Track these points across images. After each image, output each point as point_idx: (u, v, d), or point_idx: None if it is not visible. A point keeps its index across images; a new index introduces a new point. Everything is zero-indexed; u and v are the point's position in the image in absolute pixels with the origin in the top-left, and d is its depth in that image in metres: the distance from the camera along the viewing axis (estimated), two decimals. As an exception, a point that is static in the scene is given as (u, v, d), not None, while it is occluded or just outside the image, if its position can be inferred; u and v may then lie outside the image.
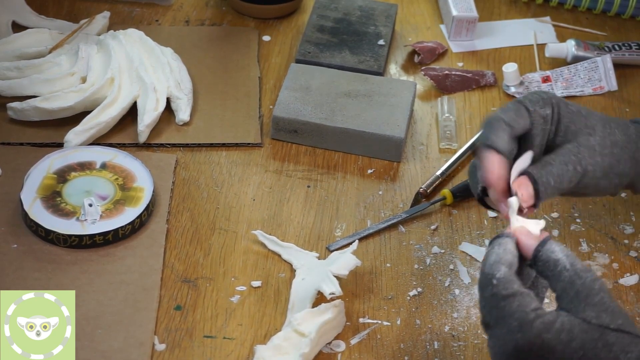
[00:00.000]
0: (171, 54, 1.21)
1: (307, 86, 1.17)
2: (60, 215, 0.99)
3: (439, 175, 1.10)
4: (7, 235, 0.99)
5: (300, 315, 0.91)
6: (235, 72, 1.24)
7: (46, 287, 0.93)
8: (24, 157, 1.07)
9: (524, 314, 0.72)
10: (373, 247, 1.03)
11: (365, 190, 1.10)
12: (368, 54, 1.26)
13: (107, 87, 1.13)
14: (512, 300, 0.73)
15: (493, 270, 0.75)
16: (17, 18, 1.27)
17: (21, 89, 1.13)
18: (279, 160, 1.13)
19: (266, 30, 1.32)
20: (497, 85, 1.27)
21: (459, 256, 1.03)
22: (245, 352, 0.91)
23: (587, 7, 1.41)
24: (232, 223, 1.04)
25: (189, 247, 1.01)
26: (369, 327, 0.95)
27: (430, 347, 0.93)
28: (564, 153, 0.84)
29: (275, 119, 1.14)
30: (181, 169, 1.10)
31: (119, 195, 1.03)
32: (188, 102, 1.16)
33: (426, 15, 1.39)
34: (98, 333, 0.90)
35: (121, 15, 1.32)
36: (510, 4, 1.43)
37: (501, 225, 1.07)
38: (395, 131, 1.12)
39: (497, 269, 0.75)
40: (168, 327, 0.92)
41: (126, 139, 1.12)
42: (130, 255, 0.98)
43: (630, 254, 1.05)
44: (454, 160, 1.12)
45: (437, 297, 0.98)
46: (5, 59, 1.17)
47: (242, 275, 0.99)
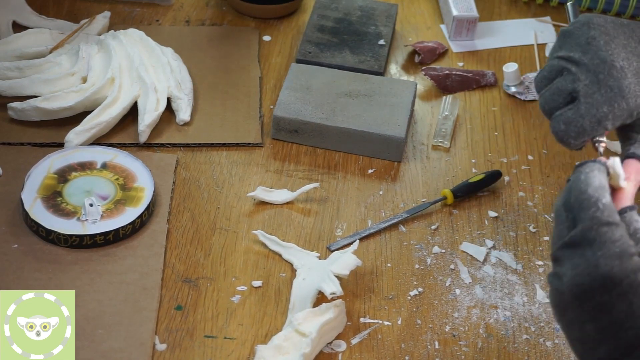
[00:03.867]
0: (172, 54, 1.21)
1: (308, 86, 1.17)
2: (61, 215, 0.99)
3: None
4: (8, 235, 0.99)
5: (301, 315, 0.91)
6: (236, 72, 1.24)
7: (47, 287, 0.93)
8: (25, 157, 1.07)
9: (627, 246, 0.69)
10: (374, 247, 1.03)
11: (366, 190, 1.10)
12: (368, 54, 1.26)
13: (107, 87, 1.13)
14: (615, 228, 0.70)
15: (599, 194, 0.71)
16: (17, 18, 1.27)
17: (22, 89, 1.13)
18: (279, 160, 1.13)
19: (267, 30, 1.33)
20: (498, 85, 1.27)
21: (459, 256, 1.03)
22: (246, 352, 0.91)
23: (587, 7, 1.41)
24: (232, 223, 1.04)
25: (189, 247, 1.01)
26: (369, 327, 0.95)
27: (430, 347, 0.93)
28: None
29: (276, 119, 1.14)
30: (182, 169, 1.10)
31: (120, 195, 1.03)
32: (188, 102, 1.16)
33: (426, 15, 1.39)
34: (98, 333, 0.90)
35: (121, 15, 1.32)
36: (510, 4, 1.43)
37: (502, 225, 1.07)
38: (395, 131, 1.12)
39: (603, 195, 0.71)
40: (169, 327, 0.92)
41: (127, 139, 1.12)
42: (130, 255, 0.98)
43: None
44: None
45: (438, 297, 0.98)
46: (5, 59, 1.17)
47: (242, 275, 0.99)
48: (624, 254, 0.68)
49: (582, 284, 0.69)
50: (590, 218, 0.70)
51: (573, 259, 0.70)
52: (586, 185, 0.72)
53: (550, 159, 1.15)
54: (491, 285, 1.00)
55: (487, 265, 1.03)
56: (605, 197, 0.71)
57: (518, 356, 0.93)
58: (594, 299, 0.69)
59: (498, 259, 1.03)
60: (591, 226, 0.70)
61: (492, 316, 0.97)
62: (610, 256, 0.68)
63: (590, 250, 0.69)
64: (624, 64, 0.77)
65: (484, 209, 1.09)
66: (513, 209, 1.09)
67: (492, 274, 1.02)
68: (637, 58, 0.77)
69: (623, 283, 0.68)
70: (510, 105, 1.25)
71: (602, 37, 0.78)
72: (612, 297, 0.68)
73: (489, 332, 0.96)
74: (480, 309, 0.98)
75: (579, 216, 0.71)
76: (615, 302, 0.68)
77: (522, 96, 1.25)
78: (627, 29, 0.79)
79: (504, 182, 1.12)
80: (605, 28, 0.78)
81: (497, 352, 0.94)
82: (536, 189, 1.12)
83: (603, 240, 0.69)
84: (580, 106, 0.78)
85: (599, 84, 0.77)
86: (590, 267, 0.69)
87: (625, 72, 0.76)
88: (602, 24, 0.79)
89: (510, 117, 1.22)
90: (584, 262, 0.69)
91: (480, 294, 0.99)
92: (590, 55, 0.78)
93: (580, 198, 0.71)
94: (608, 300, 0.68)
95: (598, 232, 0.69)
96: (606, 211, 0.70)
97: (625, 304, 0.68)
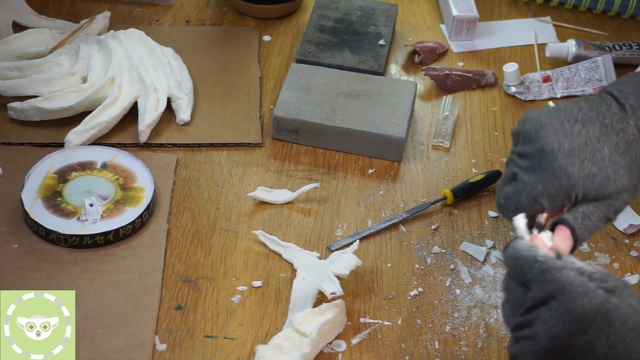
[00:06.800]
0: (172, 54, 1.21)
1: (308, 86, 1.17)
2: (61, 215, 0.99)
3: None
4: (8, 235, 0.99)
5: (301, 315, 0.91)
6: (236, 72, 1.24)
7: (47, 287, 0.93)
8: (25, 157, 1.07)
9: (586, 282, 0.71)
10: (374, 247, 1.03)
11: (366, 190, 1.10)
12: (368, 53, 1.26)
13: (107, 87, 1.13)
14: (567, 271, 0.72)
15: (532, 252, 0.74)
16: (17, 18, 1.27)
17: (22, 89, 1.13)
18: (279, 160, 1.13)
19: (267, 30, 1.32)
20: (498, 85, 1.27)
21: (459, 256, 1.03)
22: (246, 352, 0.91)
23: (587, 7, 1.41)
24: (232, 223, 1.04)
25: (189, 247, 1.01)
26: (369, 326, 0.95)
27: (431, 347, 0.93)
28: (602, 207, 0.84)
29: (276, 119, 1.14)
30: (182, 168, 1.10)
31: (120, 195, 1.03)
32: (189, 102, 1.16)
33: (426, 15, 1.39)
34: (98, 333, 0.90)
35: (122, 15, 1.32)
36: (510, 4, 1.43)
37: (502, 225, 1.07)
38: (395, 131, 1.12)
39: (536, 251, 0.74)
40: (169, 327, 0.92)
41: (127, 138, 1.12)
42: (130, 255, 0.98)
43: (631, 254, 1.05)
44: None
45: (438, 297, 0.98)
46: (5, 59, 1.17)
47: (242, 275, 0.99)
48: (587, 290, 0.70)
49: (559, 335, 0.71)
50: (538, 273, 0.73)
51: (541, 316, 0.72)
52: (517, 252, 0.75)
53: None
54: (491, 285, 1.00)
55: (487, 265, 1.03)
56: (538, 252, 0.74)
57: (518, 356, 0.94)
58: (573, 345, 0.70)
59: (498, 259, 1.03)
60: (544, 280, 0.72)
61: (492, 316, 0.97)
62: (577, 297, 0.70)
63: (555, 301, 0.71)
64: (555, 147, 0.83)
65: (484, 209, 1.09)
66: (513, 209, 1.09)
67: (492, 274, 1.02)
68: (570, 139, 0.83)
69: (596, 318, 0.70)
70: (510, 105, 1.25)
71: (537, 128, 0.85)
72: (590, 336, 0.70)
73: (489, 332, 0.96)
74: (481, 309, 0.98)
75: (527, 279, 0.74)
76: (594, 340, 0.70)
77: (522, 96, 1.25)
78: (563, 114, 0.85)
79: (504, 182, 1.12)
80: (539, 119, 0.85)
81: (497, 352, 0.94)
82: (536, 189, 1.12)
83: (562, 286, 0.71)
84: (517, 184, 0.85)
85: (533, 167, 0.84)
86: (562, 315, 0.71)
87: (555, 154, 0.83)
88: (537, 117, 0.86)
89: (510, 117, 1.22)
90: (554, 314, 0.71)
91: (481, 294, 0.99)
92: (530, 144, 0.85)
93: (519, 264, 0.75)
94: (587, 340, 0.70)
95: (553, 281, 0.72)
96: (548, 261, 0.73)
97: (604, 338, 0.70)
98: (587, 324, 0.70)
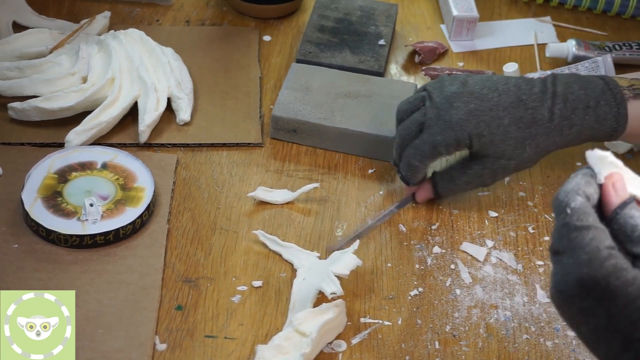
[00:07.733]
0: (172, 54, 1.21)
1: (308, 86, 1.17)
2: (61, 215, 0.99)
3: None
4: (8, 235, 0.99)
5: (301, 315, 0.91)
6: (236, 72, 1.24)
7: (47, 287, 0.93)
8: (25, 157, 1.07)
9: (596, 250, 0.68)
10: (374, 246, 1.03)
11: (366, 191, 1.10)
12: (368, 54, 1.26)
13: (107, 87, 1.13)
14: (585, 233, 0.69)
15: (568, 199, 0.70)
16: (17, 18, 1.27)
17: (22, 89, 1.13)
18: (279, 160, 1.13)
19: (267, 30, 1.33)
20: (498, 85, 1.27)
21: (459, 256, 1.03)
22: (246, 352, 0.91)
23: (587, 7, 1.41)
24: (232, 223, 1.04)
25: (189, 247, 1.01)
26: (370, 326, 0.95)
27: (431, 347, 0.93)
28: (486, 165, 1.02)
29: (275, 119, 1.14)
30: (182, 169, 1.10)
31: (120, 195, 1.03)
32: (189, 102, 1.16)
33: (426, 15, 1.39)
34: (98, 333, 0.90)
35: (122, 15, 1.32)
36: (510, 4, 1.43)
37: (502, 225, 1.07)
38: (394, 132, 1.12)
39: (573, 198, 0.70)
40: (169, 327, 0.92)
41: (127, 139, 1.12)
42: (131, 255, 0.98)
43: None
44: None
45: (438, 297, 0.98)
46: (5, 59, 1.17)
47: (243, 275, 0.99)
48: (593, 259, 0.68)
49: (562, 291, 0.70)
50: (561, 225, 0.70)
51: (555, 265, 0.71)
52: (561, 190, 0.72)
53: (550, 159, 1.15)
54: (491, 285, 1.00)
55: (488, 265, 1.02)
56: (575, 201, 0.70)
57: (518, 356, 0.93)
58: (575, 305, 0.70)
59: (498, 259, 1.03)
60: (561, 233, 0.70)
61: (493, 316, 0.97)
62: (579, 263, 0.68)
63: (564, 256, 0.70)
64: (460, 105, 0.99)
65: (484, 209, 1.09)
66: (513, 209, 1.09)
67: (492, 274, 1.02)
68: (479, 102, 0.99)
69: (596, 289, 0.68)
70: (510, 105, 1.24)
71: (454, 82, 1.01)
72: (589, 303, 0.69)
73: (489, 332, 0.96)
74: (481, 309, 0.98)
75: (556, 222, 0.72)
76: (594, 308, 0.68)
77: (522, 96, 1.25)
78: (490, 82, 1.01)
79: (504, 182, 1.12)
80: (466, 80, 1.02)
81: (497, 352, 0.94)
82: (536, 189, 1.12)
83: (572, 247, 0.69)
84: (423, 135, 1.01)
85: (438, 118, 1.00)
86: (565, 275, 0.69)
87: (460, 110, 0.99)
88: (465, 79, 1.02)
89: (511, 117, 1.22)
90: (561, 269, 0.70)
91: (481, 294, 0.99)
92: (439, 92, 1.01)
93: (555, 204, 0.72)
94: (587, 305, 0.69)
95: (568, 239, 0.70)
96: (574, 215, 0.70)
97: (603, 310, 0.68)
98: (587, 291, 0.68)
